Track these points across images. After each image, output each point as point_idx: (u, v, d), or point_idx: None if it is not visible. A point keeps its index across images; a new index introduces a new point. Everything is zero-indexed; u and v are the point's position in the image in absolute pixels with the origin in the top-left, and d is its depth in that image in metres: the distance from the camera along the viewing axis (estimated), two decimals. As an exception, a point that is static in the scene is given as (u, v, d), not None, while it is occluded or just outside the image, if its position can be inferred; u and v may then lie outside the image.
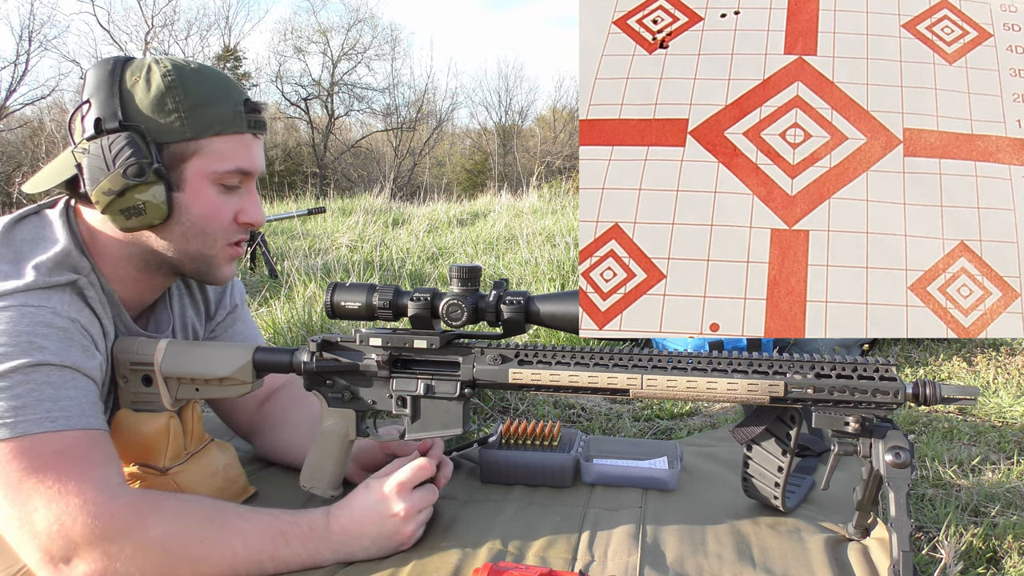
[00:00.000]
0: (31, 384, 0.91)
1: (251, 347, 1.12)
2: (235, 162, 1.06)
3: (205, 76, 1.05)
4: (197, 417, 1.17)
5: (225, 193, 1.07)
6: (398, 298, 1.06)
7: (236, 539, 0.95)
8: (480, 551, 1.03)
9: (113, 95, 1.01)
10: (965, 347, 2.26)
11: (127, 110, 1.01)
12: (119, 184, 0.99)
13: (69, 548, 0.88)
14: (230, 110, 1.05)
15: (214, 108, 1.03)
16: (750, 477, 1.12)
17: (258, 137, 1.10)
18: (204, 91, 1.03)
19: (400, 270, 3.56)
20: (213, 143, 1.04)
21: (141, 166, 0.99)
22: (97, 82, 1.02)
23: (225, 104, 1.04)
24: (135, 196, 1.00)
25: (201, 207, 1.05)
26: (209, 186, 1.05)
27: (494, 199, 7.92)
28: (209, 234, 1.07)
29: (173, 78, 1.02)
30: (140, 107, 1.01)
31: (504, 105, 23.39)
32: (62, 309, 0.98)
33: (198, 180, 1.04)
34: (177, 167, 1.03)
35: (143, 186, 1.00)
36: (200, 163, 1.04)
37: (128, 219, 1.02)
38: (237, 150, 1.06)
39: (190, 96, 1.02)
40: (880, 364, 0.95)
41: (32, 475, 0.89)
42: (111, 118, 1.00)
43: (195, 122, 1.02)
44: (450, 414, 1.09)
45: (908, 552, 0.89)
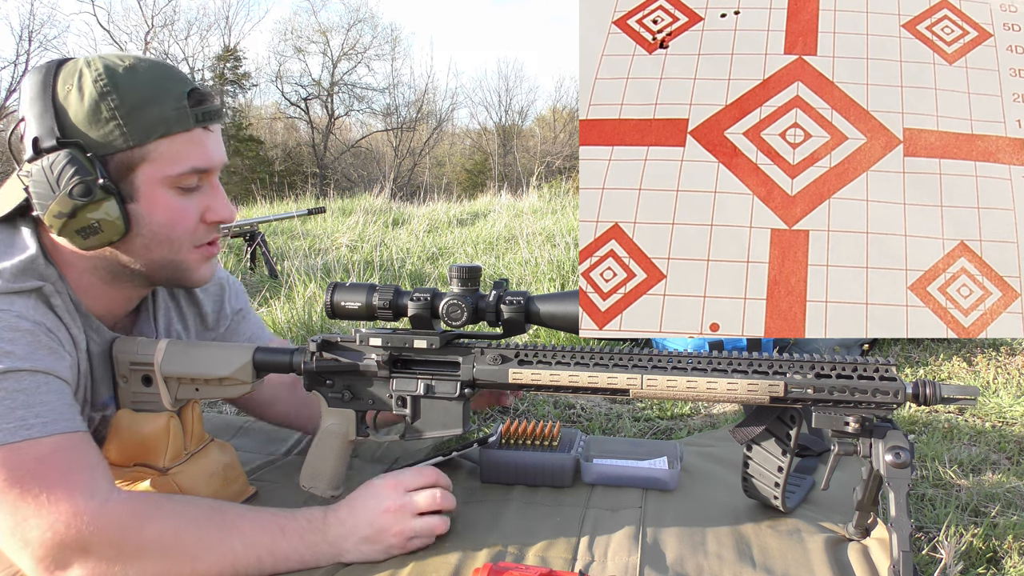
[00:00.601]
0: (3, 392, 0.89)
1: (251, 347, 1.12)
2: (188, 162, 1.00)
3: (140, 74, 0.98)
4: (197, 417, 1.17)
5: (184, 195, 1.01)
6: (398, 298, 1.06)
7: (234, 537, 0.94)
8: (480, 551, 1.03)
9: (47, 109, 0.95)
10: (965, 347, 2.26)
11: (63, 124, 0.95)
12: (68, 206, 0.94)
13: (64, 555, 0.87)
14: (171, 107, 0.97)
15: (154, 109, 0.96)
16: (750, 477, 1.12)
17: (210, 129, 1.02)
18: (140, 92, 0.96)
19: (400, 270, 3.56)
20: (160, 146, 0.97)
21: (87, 184, 0.93)
22: (32, 95, 0.96)
23: (165, 102, 0.97)
24: (87, 216, 0.95)
25: (161, 215, 1.00)
26: (165, 191, 1.00)
27: (494, 199, 7.92)
28: (174, 240, 1.03)
29: (105, 82, 0.95)
30: (75, 120, 0.95)
31: (504, 105, 23.43)
32: (27, 313, 0.94)
33: (152, 187, 0.98)
34: (126, 177, 0.97)
35: (93, 204, 0.95)
36: (150, 169, 0.98)
37: (86, 239, 0.97)
38: (188, 149, 0.99)
39: (125, 100, 0.95)
40: (880, 364, 0.95)
41: (16, 485, 0.87)
42: (48, 135, 0.94)
43: (135, 128, 0.96)
44: (450, 414, 1.09)
45: (908, 552, 0.89)
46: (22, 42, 15.10)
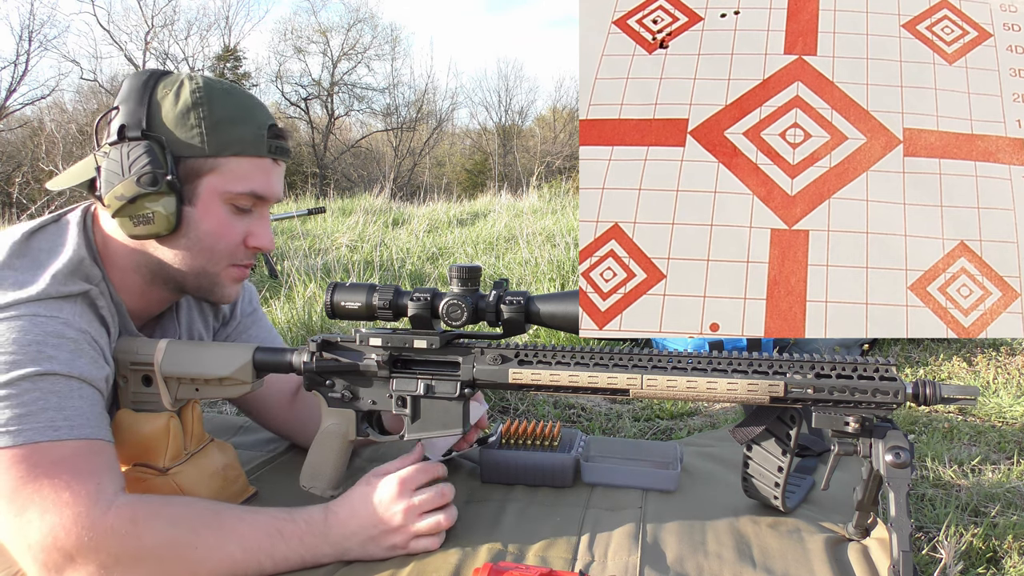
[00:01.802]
0: (37, 392, 0.91)
1: (251, 347, 1.12)
2: (250, 184, 1.06)
3: (234, 96, 1.06)
4: (197, 417, 1.17)
5: (236, 214, 1.08)
6: (398, 298, 1.06)
7: (233, 542, 0.94)
8: (480, 551, 1.03)
9: (142, 104, 1.02)
10: (965, 347, 2.26)
11: (152, 120, 1.02)
12: (132, 191, 1.00)
13: (63, 559, 0.88)
14: (252, 132, 1.06)
15: (236, 128, 1.04)
16: (750, 477, 1.12)
17: (278, 163, 1.10)
18: (229, 111, 1.05)
19: (400, 270, 3.56)
20: (231, 163, 1.05)
21: (155, 175, 1.00)
22: (129, 90, 1.03)
23: (248, 126, 1.06)
24: (145, 204, 1.01)
25: (210, 224, 1.06)
26: (221, 204, 1.06)
27: (494, 199, 7.92)
28: (215, 252, 1.08)
29: (201, 95, 1.03)
30: (164, 119, 1.02)
31: (504, 105, 23.43)
32: (74, 320, 0.98)
33: (211, 197, 1.05)
34: (192, 181, 1.04)
35: (155, 195, 1.01)
36: (215, 180, 1.05)
37: (136, 226, 1.03)
38: (254, 173, 1.07)
39: (214, 113, 1.03)
40: (880, 364, 0.95)
41: (29, 483, 0.88)
42: (135, 126, 1.02)
43: (215, 139, 1.03)
44: (450, 414, 1.09)
45: (908, 552, 0.89)
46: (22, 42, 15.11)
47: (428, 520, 1.01)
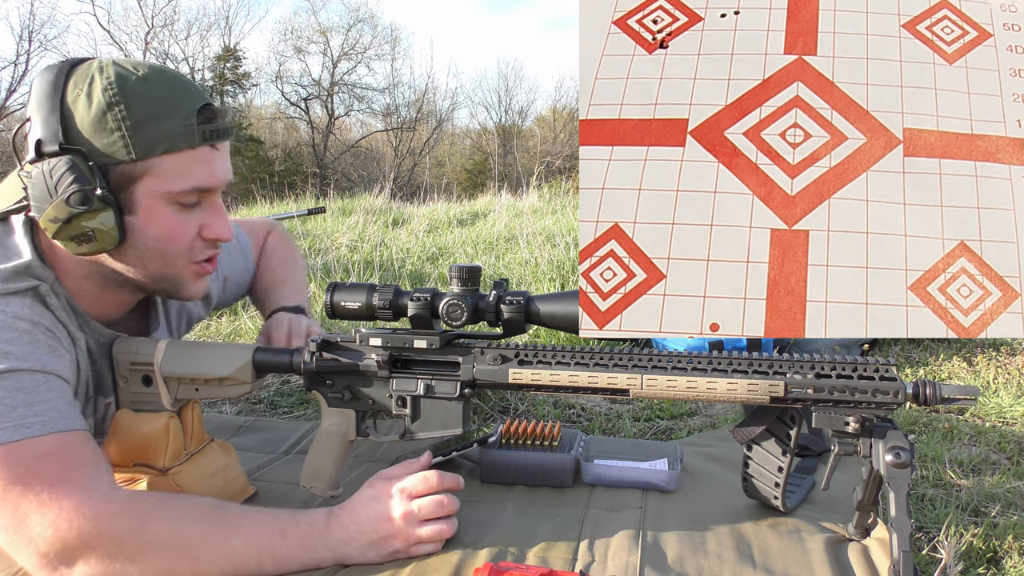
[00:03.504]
0: (2, 391, 0.88)
1: (251, 347, 1.12)
2: (190, 180, 0.98)
3: (151, 86, 0.96)
4: (197, 417, 1.17)
5: (184, 211, 1.00)
6: (398, 298, 1.06)
7: (236, 537, 0.93)
8: (480, 551, 1.03)
9: (54, 112, 0.93)
10: (965, 347, 2.26)
11: (68, 130, 0.93)
12: (64, 212, 0.92)
13: (68, 552, 0.87)
14: (179, 124, 0.96)
15: (161, 124, 0.95)
16: (750, 477, 1.12)
17: (217, 148, 1.01)
18: (148, 105, 0.95)
19: (400, 270, 3.56)
20: (164, 162, 0.96)
21: (85, 193, 0.92)
22: (40, 96, 0.94)
23: (174, 118, 0.96)
24: (82, 224, 0.94)
25: (157, 229, 0.99)
26: (164, 206, 0.98)
27: (494, 199, 7.91)
28: (169, 255, 1.02)
29: (114, 92, 0.93)
30: (81, 127, 0.93)
31: (504, 105, 23.42)
32: (22, 312, 0.94)
33: (151, 201, 0.97)
34: (126, 189, 0.96)
35: (89, 213, 0.93)
36: (151, 183, 0.96)
37: (79, 245, 0.96)
38: (191, 167, 0.98)
39: (133, 112, 0.94)
40: (880, 364, 0.95)
41: (17, 483, 0.86)
42: (51, 139, 0.93)
43: (140, 141, 0.94)
44: (450, 414, 1.09)
45: (908, 552, 0.89)
46: (22, 42, 15.12)
47: (429, 528, 1.00)
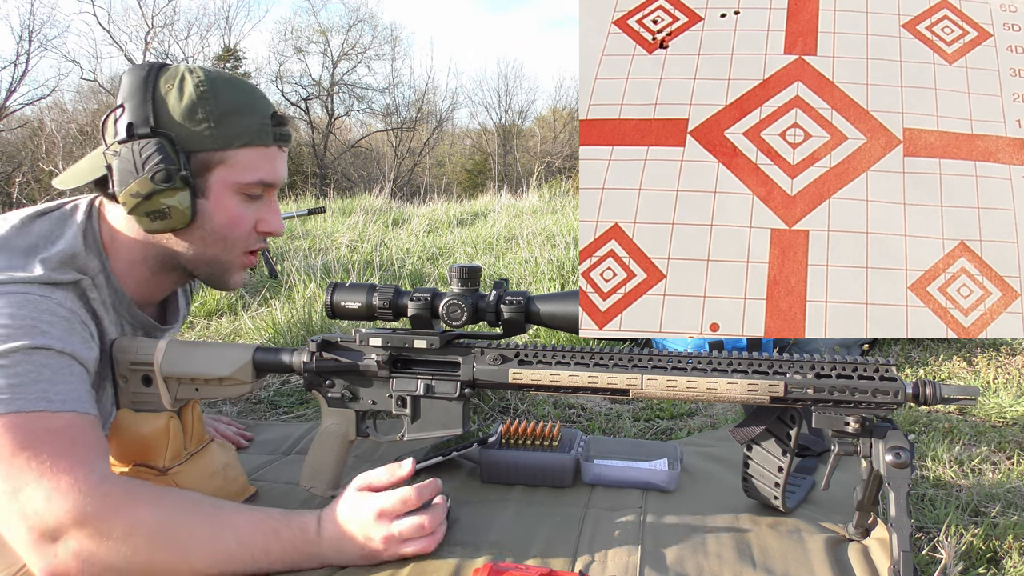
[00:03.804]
0: (31, 365, 0.93)
1: (251, 347, 1.13)
2: (259, 174, 1.09)
3: (236, 87, 1.09)
4: (197, 417, 1.17)
5: (247, 202, 1.11)
6: (398, 298, 1.06)
7: (229, 532, 0.94)
8: (480, 551, 1.03)
9: (146, 101, 1.03)
10: (965, 347, 2.26)
11: (159, 117, 1.04)
12: (147, 188, 1.02)
13: (57, 526, 0.88)
14: (257, 122, 1.08)
15: (242, 120, 1.07)
16: (750, 477, 1.12)
17: (282, 150, 1.13)
18: (234, 102, 1.07)
19: (400, 270, 3.56)
20: (239, 154, 1.07)
21: (169, 172, 1.02)
22: (132, 87, 1.04)
23: (253, 116, 1.08)
24: (161, 200, 1.04)
25: (223, 215, 1.09)
26: (232, 195, 1.09)
27: (494, 199, 7.91)
28: (228, 240, 1.11)
29: (205, 88, 1.05)
30: (172, 114, 1.04)
31: (504, 105, 23.41)
32: (65, 302, 1.00)
33: (222, 188, 1.08)
34: (203, 174, 1.07)
35: (169, 191, 1.03)
36: (225, 172, 1.07)
37: (153, 221, 1.05)
38: (261, 162, 1.09)
39: (220, 106, 1.05)
40: (880, 364, 0.95)
41: (25, 450, 0.89)
42: (143, 124, 1.03)
43: (223, 132, 1.05)
44: (450, 414, 1.09)
45: (908, 552, 0.89)
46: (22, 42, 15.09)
47: (411, 547, 0.98)
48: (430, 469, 1.32)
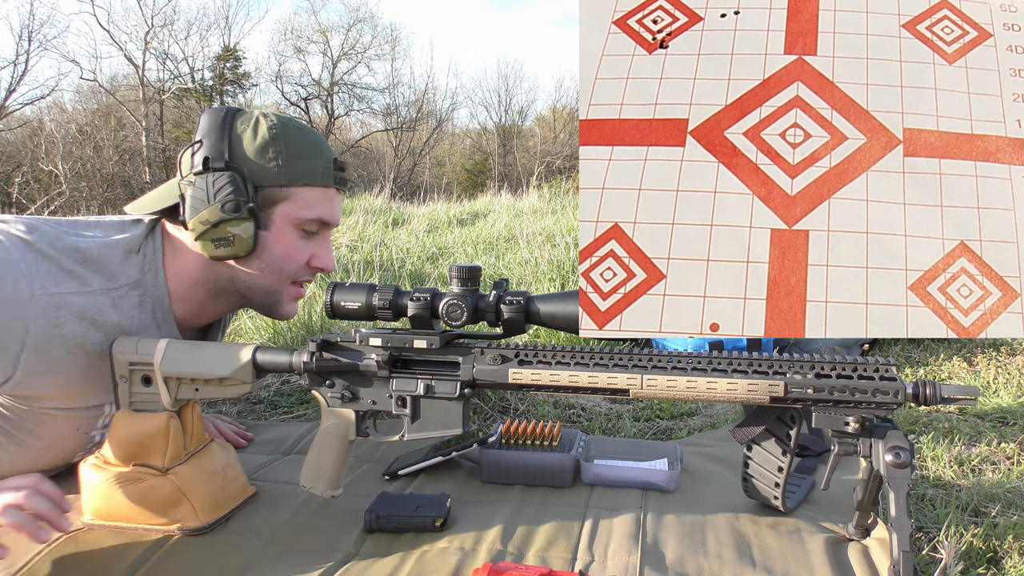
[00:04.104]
0: None
1: (251, 347, 1.12)
2: (318, 212, 1.18)
3: (305, 133, 1.18)
4: (197, 417, 1.17)
5: (304, 238, 1.19)
6: (398, 298, 1.06)
7: None
8: (480, 551, 1.03)
9: (223, 139, 1.13)
10: (965, 347, 2.26)
11: (233, 153, 1.13)
12: (216, 216, 1.10)
13: None
14: (322, 165, 1.17)
15: (308, 162, 1.16)
16: (750, 477, 1.12)
17: (340, 192, 1.23)
18: (302, 146, 1.16)
19: (400, 270, 3.55)
20: (302, 192, 1.16)
21: (238, 203, 1.11)
22: (210, 125, 1.14)
23: (319, 160, 1.17)
24: (227, 229, 1.12)
25: (282, 247, 1.17)
26: (292, 229, 1.17)
27: (494, 199, 7.91)
28: (284, 271, 1.19)
29: (277, 131, 1.14)
30: (246, 152, 1.13)
31: (504, 105, 23.37)
32: None
33: (283, 222, 1.16)
34: (268, 208, 1.15)
35: (236, 221, 1.12)
36: (288, 208, 1.16)
37: (217, 248, 1.13)
38: (321, 201, 1.18)
39: (290, 148, 1.15)
40: (880, 364, 0.95)
41: None
42: (218, 158, 1.12)
43: (290, 171, 1.15)
44: (450, 414, 1.09)
45: (908, 552, 0.89)
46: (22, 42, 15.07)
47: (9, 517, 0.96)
48: (430, 469, 1.32)
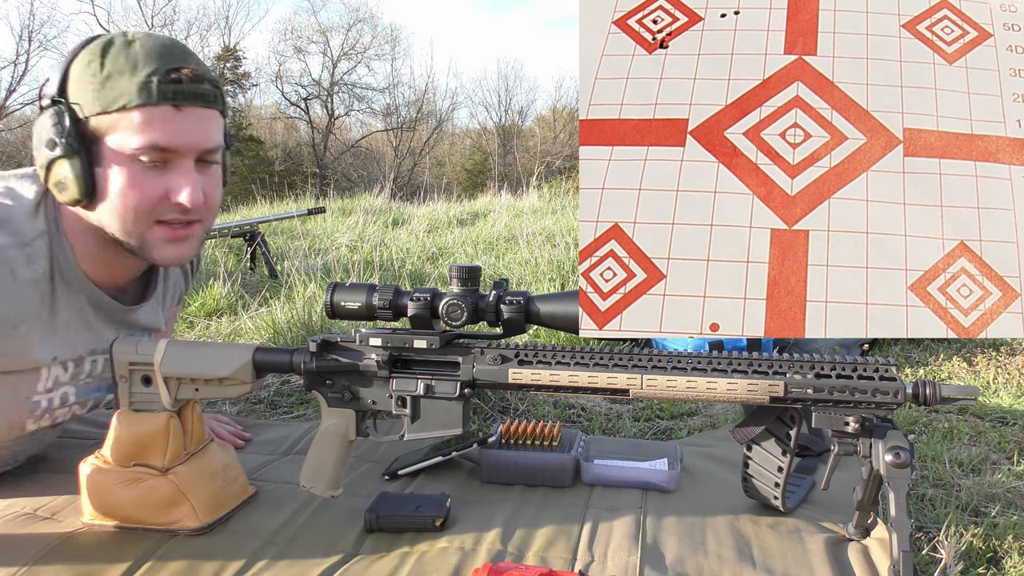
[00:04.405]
0: None
1: (251, 347, 1.12)
2: (146, 137, 0.99)
3: (130, 49, 1.00)
4: (197, 417, 1.17)
5: (150, 170, 1.02)
6: (398, 298, 1.06)
7: None
8: (480, 551, 1.03)
9: (60, 70, 1.01)
10: (965, 347, 2.26)
11: (64, 85, 1.01)
12: (44, 158, 1.00)
13: None
14: (140, 81, 0.98)
15: (123, 80, 0.99)
16: (750, 477, 1.12)
17: (182, 110, 1.01)
18: (119, 64, 0.99)
19: (400, 270, 3.56)
20: (124, 117, 0.99)
21: (54, 140, 0.99)
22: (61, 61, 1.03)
23: (136, 75, 0.99)
24: (57, 171, 1.01)
25: (118, 183, 1.01)
26: (128, 163, 1.01)
27: (494, 199, 7.91)
28: (131, 211, 1.03)
29: (95, 52, 1.00)
30: (71, 82, 1.01)
31: (504, 105, 23.39)
32: None
33: (115, 156, 1.01)
34: (97, 141, 1.01)
35: (61, 160, 1.00)
36: (116, 138, 1.00)
37: (60, 193, 1.02)
38: (150, 124, 0.99)
39: (104, 69, 0.99)
40: (880, 364, 0.95)
41: None
42: (50, 94, 1.01)
43: (104, 96, 0.99)
44: (450, 414, 1.09)
45: (908, 552, 0.89)
46: (22, 42, 15.10)
47: None
48: (430, 469, 1.32)
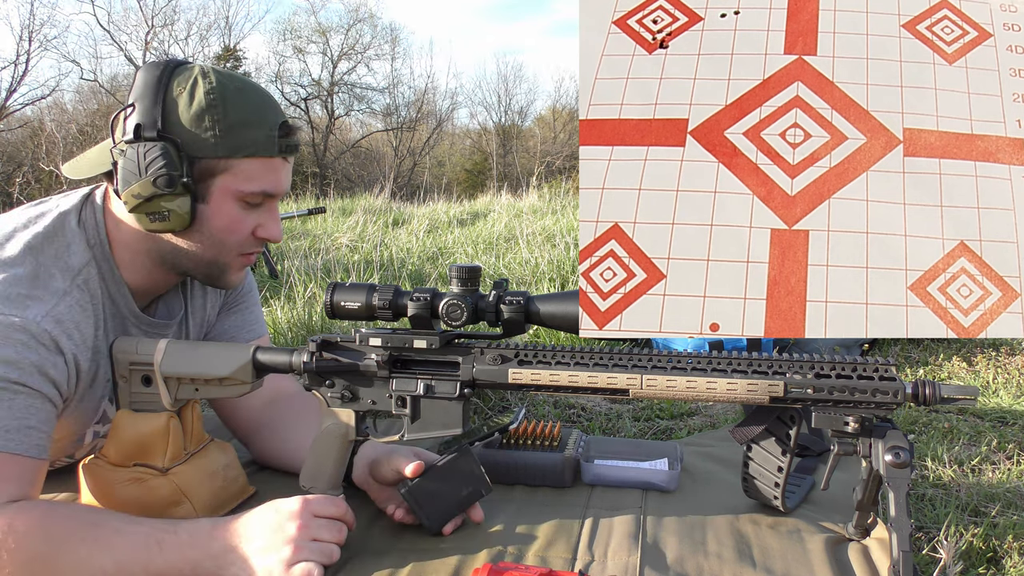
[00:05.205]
0: None
1: (251, 347, 1.12)
2: (261, 184, 1.09)
3: (246, 96, 1.08)
4: (197, 417, 1.17)
5: (246, 209, 1.11)
6: (398, 298, 1.06)
7: (105, 555, 0.92)
8: (480, 551, 1.03)
9: (156, 104, 1.04)
10: (965, 347, 2.26)
11: (167, 120, 1.04)
12: (148, 191, 1.03)
13: None
14: (264, 134, 1.08)
15: (249, 131, 1.07)
16: (750, 477, 1.12)
17: (287, 160, 1.13)
18: (242, 113, 1.07)
19: (400, 270, 3.56)
20: (243, 164, 1.07)
21: (171, 177, 1.03)
22: (144, 87, 1.05)
23: (260, 128, 1.08)
24: (161, 203, 1.05)
25: (221, 221, 1.09)
26: (233, 202, 1.09)
27: (494, 199, 7.92)
28: (226, 245, 1.12)
29: (215, 96, 1.05)
30: (180, 119, 1.04)
31: (504, 105, 23.36)
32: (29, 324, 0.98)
33: (223, 195, 1.08)
34: (205, 180, 1.07)
35: (170, 196, 1.04)
36: (228, 180, 1.07)
37: (152, 222, 1.06)
38: (265, 172, 1.09)
39: (228, 116, 1.05)
40: (880, 364, 0.95)
41: None
42: (151, 126, 1.04)
43: (229, 142, 1.06)
44: (450, 414, 1.09)
45: (908, 552, 0.89)
46: (22, 42, 15.08)
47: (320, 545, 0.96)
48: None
